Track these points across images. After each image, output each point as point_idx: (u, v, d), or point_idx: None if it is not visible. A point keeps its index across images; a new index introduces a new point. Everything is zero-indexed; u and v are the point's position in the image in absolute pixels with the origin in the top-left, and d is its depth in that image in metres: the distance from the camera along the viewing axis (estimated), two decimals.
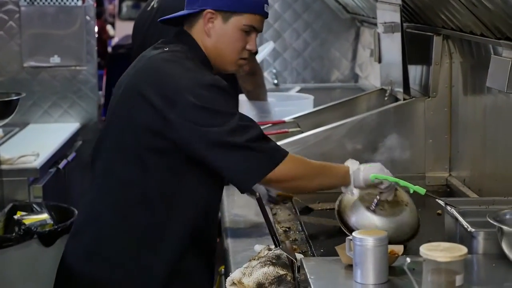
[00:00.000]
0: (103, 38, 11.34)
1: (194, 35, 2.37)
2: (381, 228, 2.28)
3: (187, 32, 2.39)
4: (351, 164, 2.40)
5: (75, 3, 4.92)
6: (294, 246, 2.42)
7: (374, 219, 2.37)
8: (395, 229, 2.35)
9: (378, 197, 2.40)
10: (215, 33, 2.34)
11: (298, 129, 3.65)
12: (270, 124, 3.74)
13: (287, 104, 4.36)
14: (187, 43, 2.36)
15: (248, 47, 2.37)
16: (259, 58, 4.38)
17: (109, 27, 11.99)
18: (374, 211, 2.38)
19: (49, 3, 4.90)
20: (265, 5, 2.39)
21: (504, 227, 1.94)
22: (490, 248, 2.03)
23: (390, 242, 1.96)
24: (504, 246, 1.94)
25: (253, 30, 2.36)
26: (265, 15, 2.39)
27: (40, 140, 4.43)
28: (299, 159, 2.32)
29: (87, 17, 4.96)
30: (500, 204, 2.26)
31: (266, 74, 5.53)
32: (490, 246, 2.03)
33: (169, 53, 2.32)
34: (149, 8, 3.51)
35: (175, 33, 2.42)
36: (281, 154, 2.26)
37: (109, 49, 10.20)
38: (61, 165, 4.32)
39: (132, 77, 2.34)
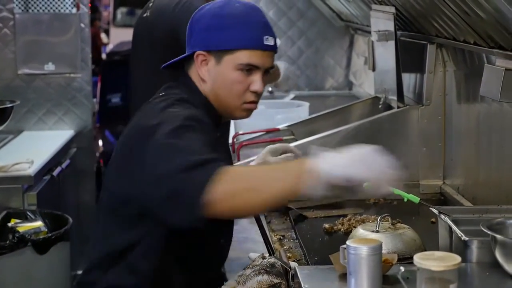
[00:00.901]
0: (97, 45, 11.35)
1: (193, 79, 2.17)
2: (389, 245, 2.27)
3: (188, 75, 2.19)
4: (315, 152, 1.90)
5: (69, 10, 4.93)
6: (289, 255, 2.42)
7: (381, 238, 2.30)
8: (403, 244, 2.33)
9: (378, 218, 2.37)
10: (210, 77, 2.11)
11: (292, 137, 3.66)
12: (264, 132, 3.75)
13: (282, 111, 4.37)
14: (186, 87, 2.16)
15: (252, 88, 2.11)
16: None
17: (103, 35, 12.00)
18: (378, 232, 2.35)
19: (43, 10, 4.90)
20: (266, 37, 2.11)
21: (498, 236, 1.94)
22: (484, 257, 2.04)
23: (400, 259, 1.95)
24: (498, 255, 1.95)
25: (254, 68, 2.10)
26: (267, 49, 2.11)
27: (34, 148, 4.43)
28: (234, 170, 1.90)
29: (82, 25, 4.97)
30: (494, 213, 2.27)
31: None
32: (484, 254, 2.03)
33: (162, 97, 2.13)
34: (144, 15, 3.52)
35: (179, 77, 2.22)
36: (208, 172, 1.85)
37: (104, 56, 10.20)
38: (55, 173, 4.31)
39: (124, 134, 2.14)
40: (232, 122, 4.40)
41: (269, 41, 2.11)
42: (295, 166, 1.90)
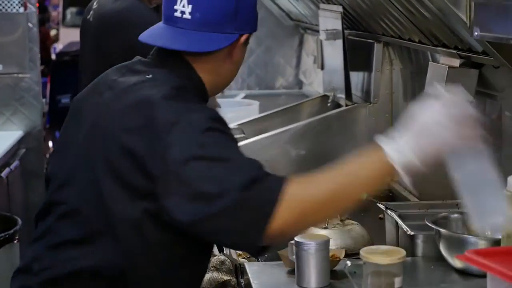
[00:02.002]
0: (46, 45, 11.23)
1: (199, 61, 1.86)
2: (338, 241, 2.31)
3: (183, 57, 1.85)
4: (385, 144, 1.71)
5: (17, 10, 4.87)
6: (238, 252, 2.44)
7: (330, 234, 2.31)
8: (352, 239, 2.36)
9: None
10: (236, 56, 1.90)
11: (243, 135, 3.68)
12: None
13: (233, 110, 4.38)
14: (178, 70, 1.85)
15: None
16: None
17: (52, 32, 11.88)
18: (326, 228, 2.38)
19: None
20: None
21: (442, 230, 1.99)
22: (429, 251, 2.08)
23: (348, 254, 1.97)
24: (442, 249, 1.99)
25: None
26: None
27: None
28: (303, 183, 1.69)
29: (30, 24, 4.91)
30: (439, 208, 2.31)
31: None
32: (429, 248, 2.08)
33: (161, 86, 1.78)
34: (88, 17, 3.50)
35: (161, 54, 1.88)
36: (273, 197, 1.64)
37: (53, 56, 10.10)
38: (3, 174, 4.25)
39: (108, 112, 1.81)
40: None
41: None
42: (372, 168, 1.71)
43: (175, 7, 1.83)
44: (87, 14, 3.52)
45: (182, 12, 1.82)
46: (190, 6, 1.81)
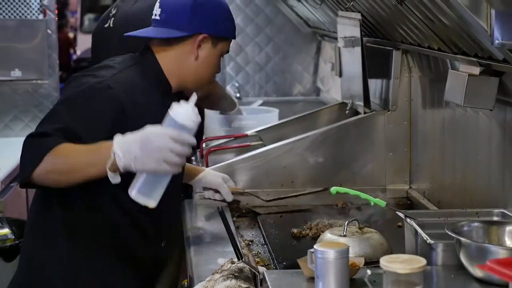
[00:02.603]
0: (67, 51, 11.31)
1: (164, 53, 2.40)
2: (357, 249, 2.30)
3: (149, 48, 2.42)
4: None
5: (36, 16, 4.90)
6: (257, 259, 2.44)
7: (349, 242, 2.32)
8: (370, 248, 2.36)
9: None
10: (202, 57, 2.39)
11: (260, 142, 3.68)
12: (232, 138, 3.76)
13: (251, 117, 4.38)
14: (145, 61, 2.40)
15: (218, 71, 2.49)
16: None
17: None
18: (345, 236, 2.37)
19: (9, 16, 4.87)
20: None
21: (462, 239, 1.98)
22: (449, 260, 2.07)
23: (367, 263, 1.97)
24: (462, 258, 1.98)
25: (226, 53, 2.48)
26: None
27: (0, 155, 4.39)
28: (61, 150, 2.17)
29: (49, 31, 4.95)
30: (459, 216, 2.30)
31: (228, 88, 5.55)
32: (449, 257, 2.06)
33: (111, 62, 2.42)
34: (106, 25, 3.48)
35: (141, 49, 2.45)
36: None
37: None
38: None
39: None
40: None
41: None
42: (104, 152, 2.13)
43: (154, 11, 2.43)
44: (104, 23, 3.49)
45: (155, 15, 2.42)
46: (159, 9, 2.40)
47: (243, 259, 2.19)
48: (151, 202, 2.18)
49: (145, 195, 2.16)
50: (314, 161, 3.22)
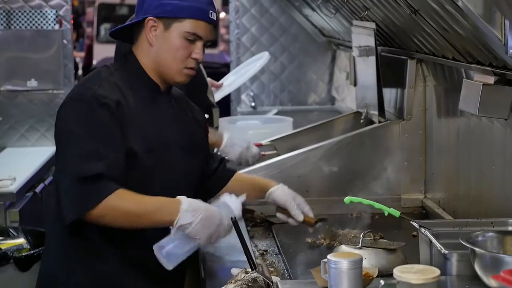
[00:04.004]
0: (91, 57, 11.42)
1: (138, 48, 2.35)
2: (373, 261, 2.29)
3: (131, 51, 2.38)
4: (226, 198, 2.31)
5: (52, 27, 4.93)
6: (271, 269, 2.43)
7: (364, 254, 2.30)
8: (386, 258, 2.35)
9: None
10: (157, 42, 2.30)
11: (275, 151, 3.68)
12: None
13: (265, 126, 4.39)
14: (126, 60, 2.37)
15: (193, 55, 2.31)
16: (255, 69, 4.30)
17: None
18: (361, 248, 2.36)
19: (26, 27, 4.90)
20: (210, 11, 2.31)
21: (477, 249, 1.96)
22: (464, 270, 2.05)
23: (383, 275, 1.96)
24: (477, 268, 1.96)
25: (198, 38, 2.30)
26: (210, 22, 2.31)
27: (17, 164, 4.42)
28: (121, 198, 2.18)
29: (64, 41, 4.98)
30: (473, 226, 2.29)
31: (243, 97, 5.56)
32: (464, 267, 2.05)
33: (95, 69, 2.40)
34: None
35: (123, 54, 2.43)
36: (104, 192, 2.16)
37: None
38: (38, 189, 4.30)
39: None
40: None
41: (213, 16, 2.33)
42: (170, 207, 2.20)
43: None
44: None
45: None
46: None
47: (257, 269, 2.19)
48: (170, 266, 2.21)
49: (169, 258, 2.20)
50: (329, 171, 3.21)
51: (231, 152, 3.40)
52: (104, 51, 10.52)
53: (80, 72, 10.93)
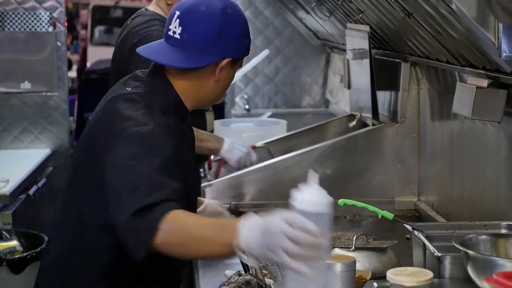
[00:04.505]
0: (85, 59, 11.42)
1: (180, 78, 2.14)
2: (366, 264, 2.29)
3: (162, 72, 2.17)
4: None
5: (46, 29, 4.93)
6: (264, 272, 2.43)
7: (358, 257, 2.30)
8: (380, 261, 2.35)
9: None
10: (222, 78, 2.15)
11: (269, 154, 3.68)
12: None
13: (260, 129, 4.39)
14: (164, 91, 2.15)
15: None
16: (252, 63, 4.31)
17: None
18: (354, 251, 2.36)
19: (19, 29, 4.90)
20: None
21: (470, 252, 1.97)
22: (457, 272, 2.06)
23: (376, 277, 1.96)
24: (470, 270, 1.97)
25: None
26: None
27: (10, 166, 4.41)
28: (176, 226, 1.89)
29: (58, 43, 4.97)
30: (467, 229, 2.29)
31: (237, 100, 5.57)
32: (457, 270, 2.06)
33: (129, 96, 2.13)
34: (120, 38, 3.53)
35: (149, 71, 2.21)
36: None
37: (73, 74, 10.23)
38: (31, 192, 4.29)
39: (96, 117, 2.20)
40: None
41: None
42: (227, 233, 1.84)
43: (170, 26, 2.12)
44: (120, 33, 3.57)
45: (174, 32, 2.11)
46: (180, 28, 2.10)
47: (250, 272, 2.19)
48: None
49: None
50: (323, 173, 3.21)
51: (231, 157, 3.39)
52: (98, 53, 10.51)
53: (74, 74, 10.91)
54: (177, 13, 2.12)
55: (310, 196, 1.74)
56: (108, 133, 2.06)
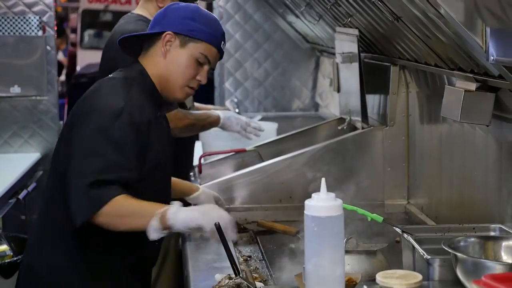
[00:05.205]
0: (74, 65, 11.39)
1: (147, 59, 2.46)
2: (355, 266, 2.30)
3: (138, 62, 2.48)
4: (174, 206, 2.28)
5: (35, 33, 4.92)
6: (255, 275, 2.44)
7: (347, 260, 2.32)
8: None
9: None
10: (170, 56, 2.43)
11: (259, 157, 3.69)
12: (231, 153, 3.77)
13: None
14: (136, 70, 2.45)
15: (198, 77, 2.46)
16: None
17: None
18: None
19: (9, 33, 4.89)
20: (222, 42, 2.48)
21: (459, 254, 1.98)
22: (446, 275, 2.07)
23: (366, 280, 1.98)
24: (459, 273, 1.98)
25: (207, 62, 2.45)
26: (221, 52, 2.48)
27: None
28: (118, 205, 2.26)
29: (48, 47, 4.96)
30: (456, 231, 2.30)
31: (227, 103, 5.57)
32: (446, 272, 2.07)
33: (111, 78, 2.47)
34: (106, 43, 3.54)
35: (130, 63, 2.51)
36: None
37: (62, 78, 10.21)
38: (21, 196, 4.28)
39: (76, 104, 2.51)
40: (199, 142, 4.42)
41: (223, 47, 2.50)
42: (152, 212, 2.24)
43: None
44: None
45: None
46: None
47: (240, 275, 2.19)
48: None
49: None
50: (313, 176, 3.22)
51: (231, 123, 3.58)
52: (87, 57, 10.49)
53: (63, 78, 10.88)
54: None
55: (321, 203, 1.92)
56: (85, 108, 2.39)
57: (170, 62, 2.43)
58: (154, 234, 2.22)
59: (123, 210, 2.25)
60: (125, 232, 2.31)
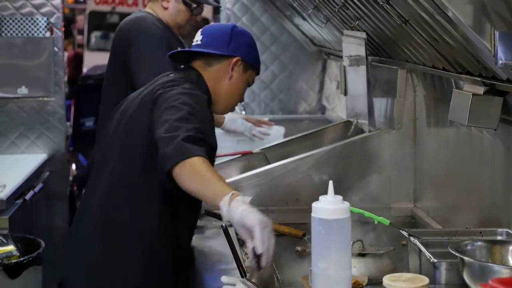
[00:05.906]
0: (80, 66, 11.40)
1: (208, 72, 2.66)
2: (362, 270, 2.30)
3: (193, 67, 2.68)
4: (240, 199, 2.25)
5: (43, 34, 4.93)
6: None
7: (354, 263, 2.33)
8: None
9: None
10: (234, 78, 2.68)
11: (266, 160, 3.69)
12: (238, 155, 3.77)
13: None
14: (199, 84, 2.63)
15: (243, 97, 2.77)
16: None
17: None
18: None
19: (16, 34, 4.90)
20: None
21: (466, 258, 1.98)
22: (453, 278, 2.07)
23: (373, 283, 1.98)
24: (466, 276, 1.98)
25: (250, 85, 2.76)
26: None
27: (6, 171, 4.40)
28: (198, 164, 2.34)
29: (55, 48, 4.97)
30: (462, 235, 2.30)
31: None
32: (453, 276, 2.07)
33: (172, 77, 2.66)
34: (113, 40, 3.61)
35: (183, 67, 2.75)
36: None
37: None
38: (28, 196, 4.29)
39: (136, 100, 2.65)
40: None
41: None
42: (224, 191, 2.25)
43: (195, 39, 2.74)
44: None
45: (196, 41, 2.72)
46: (201, 36, 2.71)
47: (246, 277, 2.19)
48: None
49: None
50: (319, 179, 3.22)
51: (236, 127, 3.84)
52: (94, 59, 10.52)
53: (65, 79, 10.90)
54: (200, 31, 2.72)
55: (328, 205, 1.94)
56: (158, 92, 2.54)
57: (233, 84, 2.68)
58: (223, 207, 2.22)
59: (203, 171, 2.31)
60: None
